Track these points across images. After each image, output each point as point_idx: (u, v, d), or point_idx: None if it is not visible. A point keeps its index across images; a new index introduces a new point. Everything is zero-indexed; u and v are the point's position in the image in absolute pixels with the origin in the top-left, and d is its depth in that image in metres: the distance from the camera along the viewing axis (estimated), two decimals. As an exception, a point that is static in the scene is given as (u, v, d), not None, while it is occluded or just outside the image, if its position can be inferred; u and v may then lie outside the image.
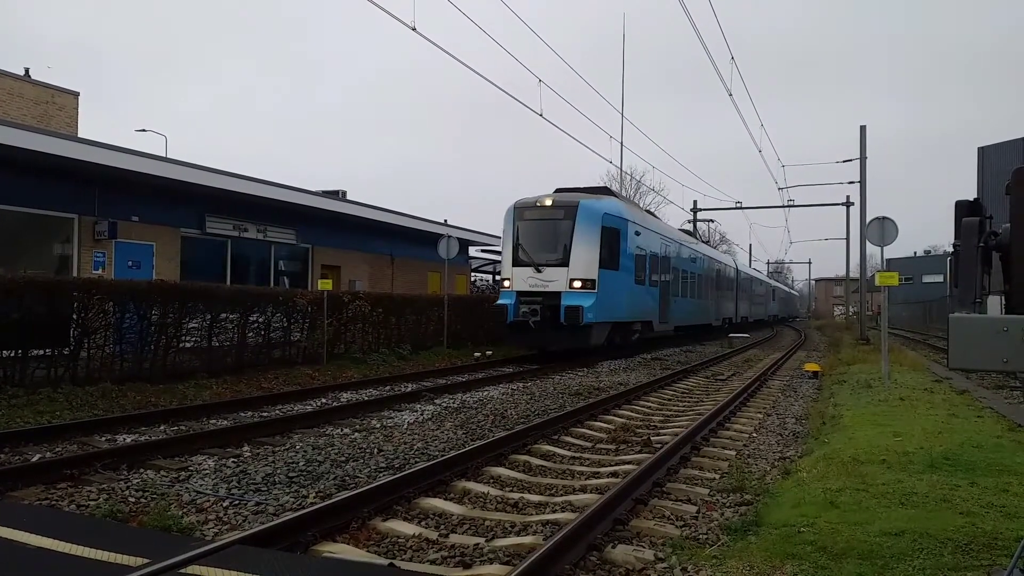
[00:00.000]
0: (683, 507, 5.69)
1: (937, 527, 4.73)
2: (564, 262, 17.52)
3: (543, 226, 18.13)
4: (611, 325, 18.55)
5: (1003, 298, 3.54)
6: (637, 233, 20.27)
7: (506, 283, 18.16)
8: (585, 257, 17.54)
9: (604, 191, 20.47)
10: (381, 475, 6.43)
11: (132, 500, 5.50)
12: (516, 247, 18.11)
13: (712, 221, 45.92)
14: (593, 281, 17.45)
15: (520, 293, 17.60)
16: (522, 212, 18.33)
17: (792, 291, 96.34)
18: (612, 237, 18.37)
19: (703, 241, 37.58)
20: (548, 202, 18.17)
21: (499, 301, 18.16)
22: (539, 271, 17.60)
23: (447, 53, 14.64)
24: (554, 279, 17.46)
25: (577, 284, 17.25)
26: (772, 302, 60.76)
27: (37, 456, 6.89)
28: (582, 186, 20.61)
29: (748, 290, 44.98)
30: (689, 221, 44.11)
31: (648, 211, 26.63)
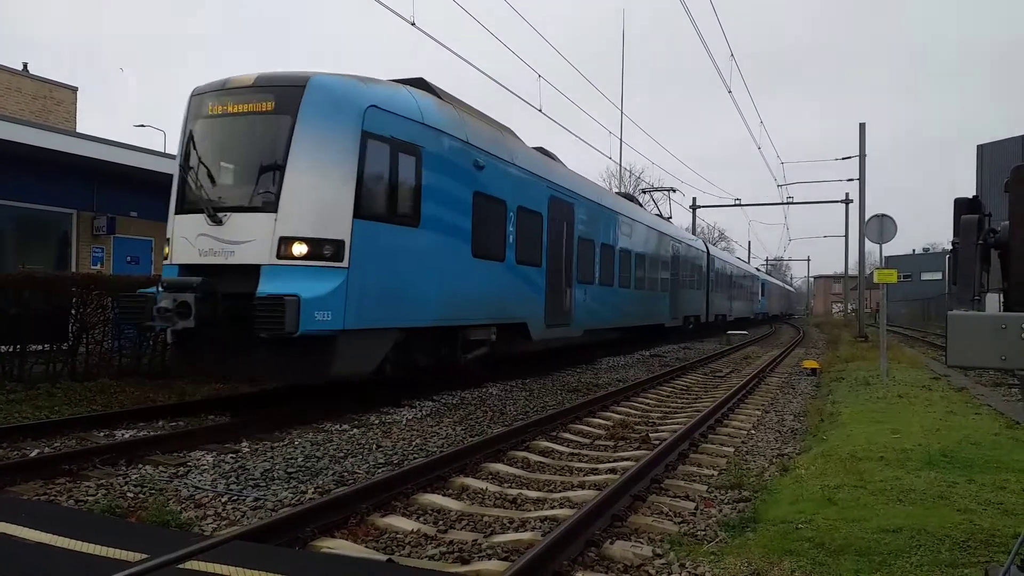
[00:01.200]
0: (681, 504, 5.69)
1: (935, 524, 4.74)
2: (268, 203, 8.43)
3: (233, 129, 9.01)
4: (398, 334, 9.50)
5: (1002, 295, 3.54)
6: (479, 165, 11.27)
7: (166, 249, 9.33)
8: (317, 193, 8.51)
9: (418, 83, 11.05)
10: (380, 471, 6.44)
11: (130, 495, 5.50)
12: (184, 173, 9.14)
13: (668, 188, 34.14)
14: (339, 244, 8.46)
15: (185, 268, 8.84)
16: (201, 105, 9.21)
17: (787, 286, 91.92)
18: (397, 159, 9.28)
19: (665, 218, 28.80)
20: (249, 82, 8.97)
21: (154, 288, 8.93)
22: (216, 221, 8.57)
23: (446, 48, 14.64)
24: (245, 238, 8.48)
25: (299, 250, 8.32)
26: (761, 297, 53.71)
27: (35, 451, 6.88)
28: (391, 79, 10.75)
29: (725, 282, 37.24)
30: (650, 195, 38.98)
31: (547, 152, 15.66)
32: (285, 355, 8.34)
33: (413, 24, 12.46)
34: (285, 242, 8.33)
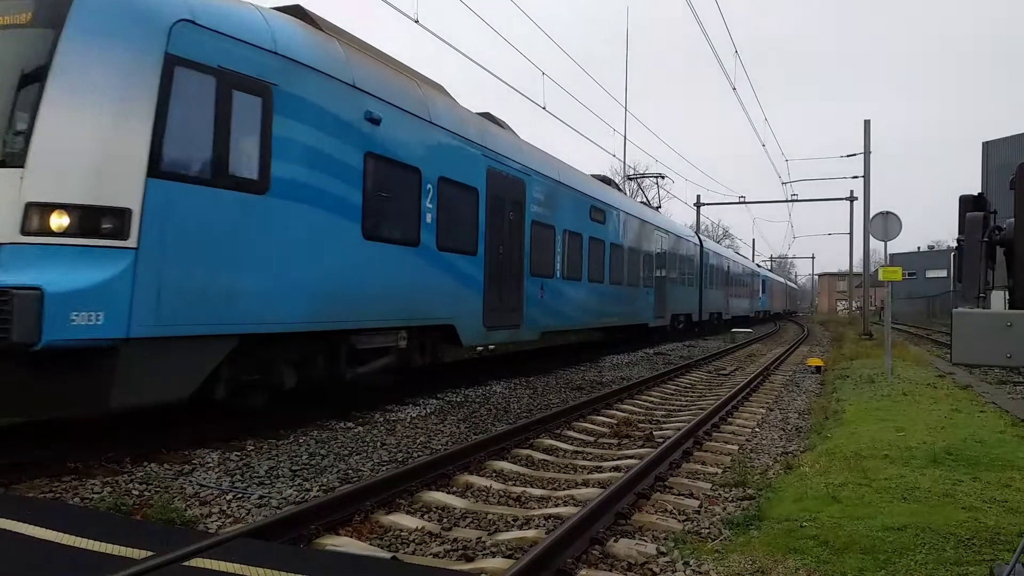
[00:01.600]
0: (685, 501, 5.69)
1: (939, 522, 4.74)
2: (13, 154, 5.90)
3: None
4: (232, 342, 6.99)
5: (1007, 293, 3.53)
6: (374, 119, 8.81)
7: None
8: (90, 139, 6.00)
9: (293, 11, 8.72)
10: (384, 469, 6.45)
11: (136, 493, 5.52)
12: None
13: (656, 174, 31.09)
14: (123, 214, 6.00)
15: None
16: None
17: (790, 283, 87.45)
18: (228, 97, 6.87)
19: (653, 207, 26.79)
20: None
21: None
22: None
23: (449, 45, 14.63)
24: None
25: (59, 222, 5.83)
26: (761, 294, 51.23)
27: (41, 449, 6.90)
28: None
29: (721, 278, 34.67)
30: (636, 182, 36.99)
31: (493, 119, 13.42)
32: (29, 377, 5.87)
33: (416, 21, 12.47)
34: (37, 210, 5.83)
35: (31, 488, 5.64)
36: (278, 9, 8.50)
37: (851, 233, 42.99)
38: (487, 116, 13.05)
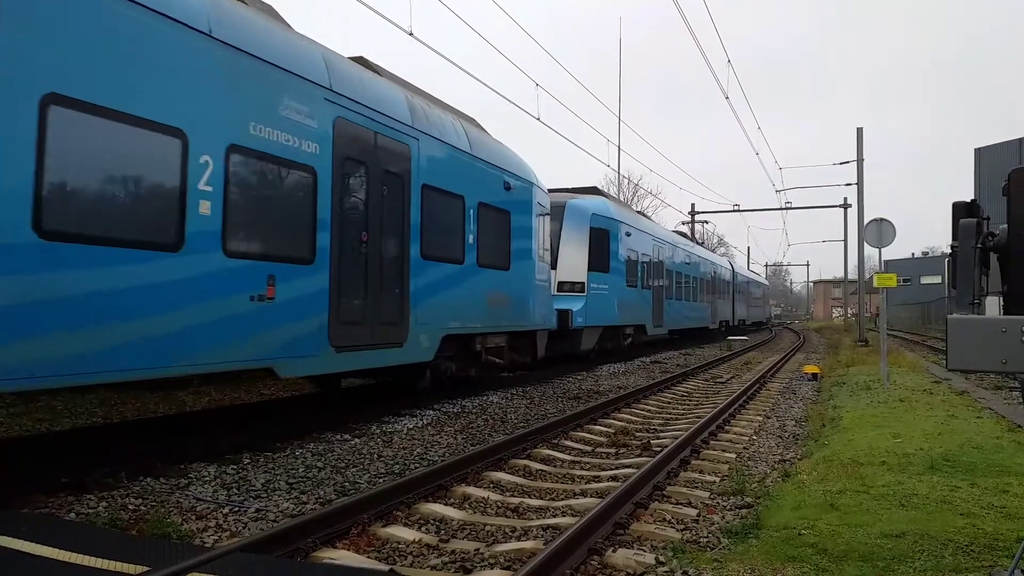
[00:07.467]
0: (683, 510, 5.68)
1: (937, 528, 4.74)
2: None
3: None
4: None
5: (1001, 299, 3.55)
6: None
7: None
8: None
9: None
10: (381, 481, 6.43)
11: (132, 508, 5.49)
12: None
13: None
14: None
15: None
16: None
17: (743, 274, 49.41)
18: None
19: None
20: None
21: None
22: None
23: (444, 57, 14.66)
24: None
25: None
26: (674, 299, 25.71)
27: (36, 464, 6.86)
28: None
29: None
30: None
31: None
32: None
33: (411, 34, 12.51)
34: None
35: (26, 504, 5.60)
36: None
37: (845, 240, 43.18)
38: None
